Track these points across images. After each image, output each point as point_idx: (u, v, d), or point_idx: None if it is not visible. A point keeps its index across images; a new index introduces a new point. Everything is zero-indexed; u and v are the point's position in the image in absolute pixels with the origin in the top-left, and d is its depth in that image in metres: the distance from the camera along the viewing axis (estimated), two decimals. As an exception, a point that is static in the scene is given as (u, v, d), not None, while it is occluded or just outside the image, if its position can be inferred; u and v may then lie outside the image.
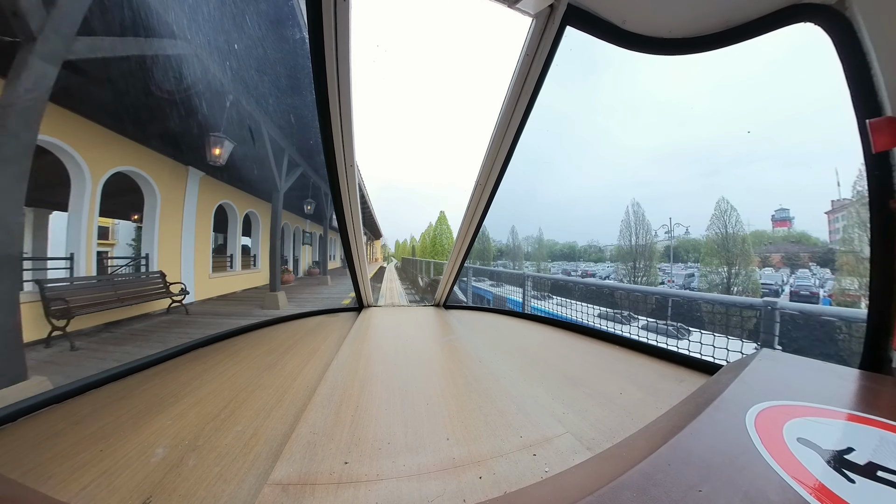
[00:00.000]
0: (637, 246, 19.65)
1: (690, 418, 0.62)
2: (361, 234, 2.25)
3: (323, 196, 14.62)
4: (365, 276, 2.59)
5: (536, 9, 1.26)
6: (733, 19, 1.05)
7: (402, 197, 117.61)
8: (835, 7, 0.87)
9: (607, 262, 23.11)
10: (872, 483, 0.48)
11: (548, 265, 24.89)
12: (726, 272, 13.97)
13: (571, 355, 1.63)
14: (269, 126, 8.07)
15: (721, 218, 15.79)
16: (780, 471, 0.49)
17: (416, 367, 1.40)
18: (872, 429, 0.60)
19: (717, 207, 16.41)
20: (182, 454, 0.83)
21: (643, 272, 18.80)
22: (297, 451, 0.82)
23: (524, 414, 1.01)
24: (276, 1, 5.29)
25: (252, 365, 1.45)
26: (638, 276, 18.88)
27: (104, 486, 0.72)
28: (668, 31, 1.16)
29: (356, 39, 1.25)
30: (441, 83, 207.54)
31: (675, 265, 18.05)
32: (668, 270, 19.85)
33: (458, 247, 2.49)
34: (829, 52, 0.90)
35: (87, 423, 0.95)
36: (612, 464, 0.55)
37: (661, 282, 18.81)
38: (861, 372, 0.87)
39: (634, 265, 19.01)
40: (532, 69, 1.43)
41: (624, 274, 19.73)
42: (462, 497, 0.68)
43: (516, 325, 2.30)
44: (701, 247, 14.79)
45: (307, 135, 9.29)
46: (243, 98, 6.77)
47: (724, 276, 14.05)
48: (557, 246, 27.41)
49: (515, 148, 1.77)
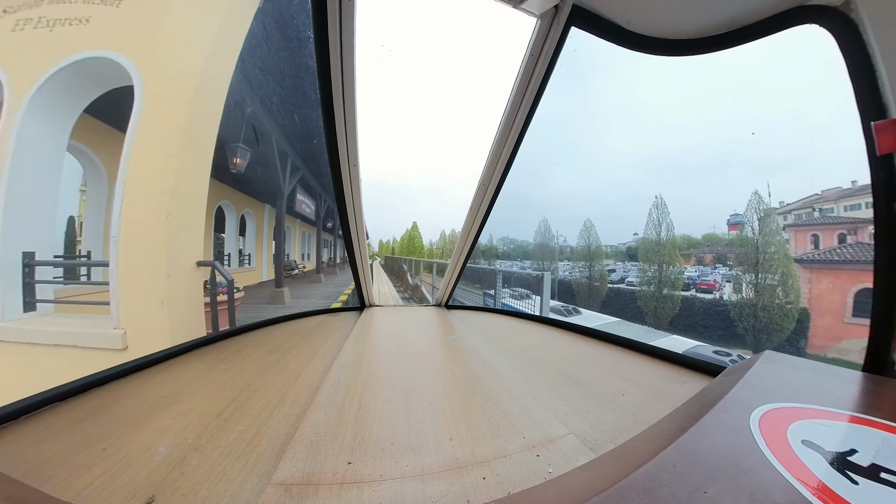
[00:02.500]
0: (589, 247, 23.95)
1: (695, 420, 0.62)
2: (364, 235, 2.24)
3: (318, 196, 15.25)
4: (367, 275, 2.59)
5: (541, 9, 1.26)
6: (738, 21, 1.05)
7: (388, 196, 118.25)
8: (840, 9, 0.87)
9: (567, 260, 25.51)
10: (875, 485, 0.48)
11: (521, 263, 28.59)
12: (655, 269, 17.43)
13: (573, 356, 1.63)
14: (274, 130, 8.13)
15: (655, 223, 19.42)
16: (785, 473, 0.49)
17: (419, 367, 1.40)
18: (875, 431, 0.61)
19: (649, 214, 20.09)
20: (185, 453, 0.83)
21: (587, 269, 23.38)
22: (300, 450, 0.82)
23: (527, 415, 1.01)
24: (286, 6, 5.26)
25: (254, 364, 1.45)
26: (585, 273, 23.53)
27: (106, 485, 0.72)
28: (673, 31, 1.16)
29: (361, 39, 1.25)
30: (443, 84, 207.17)
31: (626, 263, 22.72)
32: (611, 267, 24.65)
33: (460, 247, 2.49)
34: (802, 63, 0.90)
35: (89, 421, 0.95)
36: (617, 465, 0.55)
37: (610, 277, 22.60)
38: (864, 374, 0.87)
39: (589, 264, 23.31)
40: (536, 70, 1.43)
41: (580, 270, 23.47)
42: (466, 498, 0.68)
43: (518, 325, 2.30)
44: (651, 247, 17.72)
45: (309, 136, 9.35)
46: (252, 101, 6.81)
47: (653, 271, 17.74)
48: (530, 246, 28.96)
49: (519, 148, 1.77)
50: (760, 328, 13.93)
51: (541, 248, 29.05)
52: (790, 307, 13.36)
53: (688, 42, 1.16)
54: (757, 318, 13.82)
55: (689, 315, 15.98)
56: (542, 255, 28.65)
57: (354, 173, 1.79)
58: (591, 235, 23.52)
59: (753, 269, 14.30)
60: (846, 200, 21.36)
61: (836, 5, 0.88)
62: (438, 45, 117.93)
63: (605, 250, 23.93)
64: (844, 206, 21.41)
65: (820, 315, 13.13)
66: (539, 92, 1.51)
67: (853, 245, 14.59)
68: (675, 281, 17.19)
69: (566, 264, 26.16)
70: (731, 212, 27.73)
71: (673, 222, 18.71)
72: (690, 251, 23.45)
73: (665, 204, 19.22)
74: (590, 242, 23.47)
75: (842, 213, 21.11)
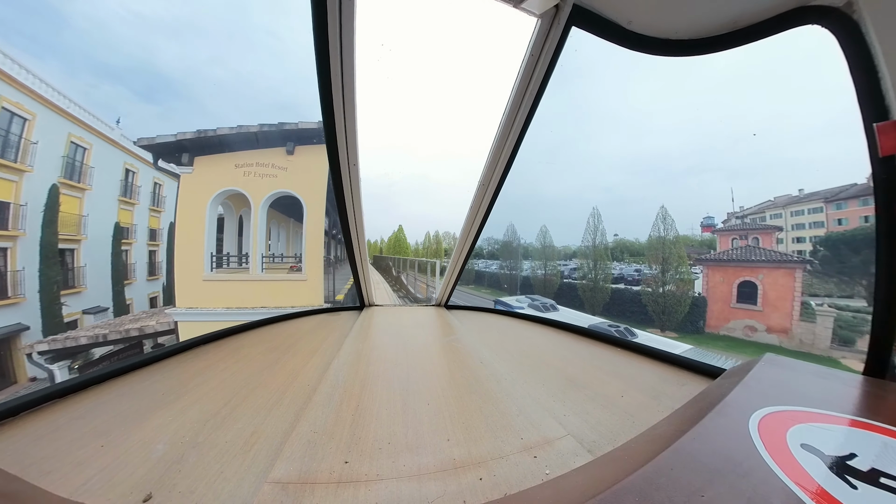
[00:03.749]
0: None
1: (693, 422, 0.62)
2: (364, 235, 2.24)
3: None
4: (367, 275, 2.59)
5: (542, 9, 1.25)
6: (740, 21, 1.05)
7: (376, 196, 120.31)
8: (842, 9, 0.87)
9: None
10: (875, 489, 0.48)
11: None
12: (591, 266, 22.76)
13: (573, 357, 1.63)
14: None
15: (592, 230, 23.72)
16: (784, 476, 0.49)
17: (418, 367, 1.40)
18: (875, 435, 0.60)
19: (587, 223, 24.24)
20: (183, 451, 0.83)
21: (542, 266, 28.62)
22: (298, 449, 0.82)
23: (525, 416, 1.00)
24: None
25: (253, 363, 1.45)
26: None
27: (104, 482, 0.72)
28: (675, 32, 1.15)
29: (360, 39, 1.25)
30: (441, 84, 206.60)
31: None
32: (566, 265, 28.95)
33: (460, 247, 2.49)
34: (784, 70, 0.91)
35: (88, 418, 0.96)
36: (614, 467, 0.55)
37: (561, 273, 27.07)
38: (865, 378, 0.87)
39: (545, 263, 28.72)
40: (537, 70, 1.43)
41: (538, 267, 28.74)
42: (462, 498, 0.68)
43: (518, 326, 2.29)
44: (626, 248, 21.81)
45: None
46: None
47: (589, 268, 22.98)
48: (527, 247, 33.36)
49: (519, 149, 1.77)
50: (661, 311, 18.31)
51: (506, 247, 34.08)
52: (682, 296, 17.90)
53: (689, 42, 1.16)
54: (657, 304, 18.49)
55: (620, 303, 20.45)
56: (508, 254, 33.69)
57: (354, 173, 1.79)
58: (546, 237, 29.12)
59: (661, 267, 19.01)
60: (792, 206, 24.27)
61: (838, 6, 0.87)
62: (438, 44, 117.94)
63: (558, 250, 30.08)
64: (791, 211, 24.43)
65: (714, 301, 17.35)
66: (539, 92, 1.50)
67: (741, 248, 18.91)
68: (606, 276, 22.09)
69: (533, 263, 30.34)
70: (705, 214, 31.51)
71: (606, 229, 23.68)
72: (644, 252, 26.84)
73: (600, 214, 24.10)
74: (545, 243, 29.15)
75: (789, 219, 24.32)
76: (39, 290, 11.96)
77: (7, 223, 11.17)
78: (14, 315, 11.44)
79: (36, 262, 11.92)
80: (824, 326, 13.50)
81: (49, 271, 12.05)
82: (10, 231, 11.27)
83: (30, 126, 11.83)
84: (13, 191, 11.44)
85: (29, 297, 11.72)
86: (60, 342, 9.23)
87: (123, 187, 16.48)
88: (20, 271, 11.50)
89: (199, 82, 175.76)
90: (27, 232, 11.73)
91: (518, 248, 31.99)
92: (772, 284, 15.51)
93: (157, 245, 19.16)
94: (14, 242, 11.48)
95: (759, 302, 15.66)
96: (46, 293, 12.01)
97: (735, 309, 16.31)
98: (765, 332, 15.27)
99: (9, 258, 11.33)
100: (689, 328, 17.42)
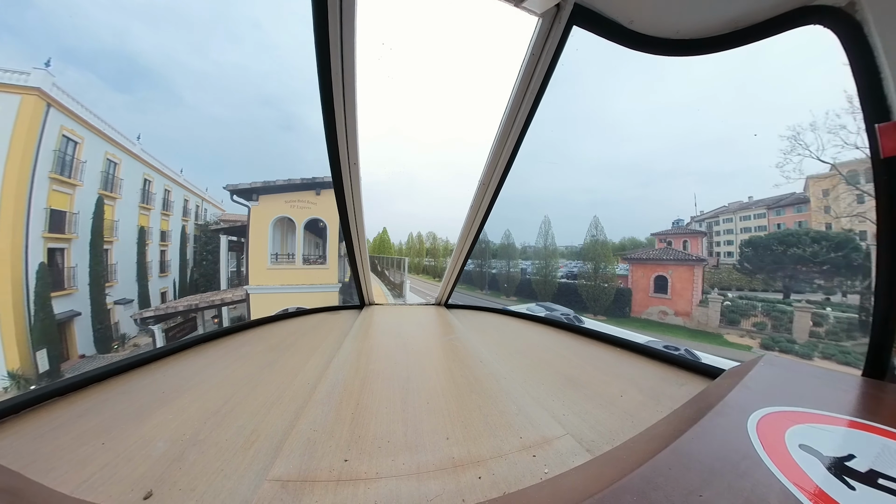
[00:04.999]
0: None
1: (692, 422, 0.62)
2: (364, 234, 2.24)
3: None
4: (367, 274, 2.59)
5: (542, 8, 1.25)
6: (742, 21, 1.04)
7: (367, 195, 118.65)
8: (845, 9, 0.86)
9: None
10: (873, 490, 0.48)
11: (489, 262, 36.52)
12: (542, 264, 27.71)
13: (572, 357, 1.63)
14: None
15: (543, 235, 28.54)
16: (782, 477, 0.49)
17: (417, 366, 1.40)
18: (874, 436, 0.60)
19: (540, 228, 28.71)
20: (183, 448, 0.83)
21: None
22: (297, 447, 0.82)
23: (524, 415, 1.01)
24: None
25: (253, 361, 1.46)
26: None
27: (105, 479, 0.72)
28: (676, 31, 1.15)
29: (361, 38, 1.25)
30: (439, 84, 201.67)
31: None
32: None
33: (460, 246, 2.49)
34: (765, 82, 0.91)
35: (89, 416, 0.96)
36: (613, 466, 0.55)
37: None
38: (864, 379, 0.87)
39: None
40: (538, 69, 1.42)
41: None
42: (461, 497, 0.68)
43: (517, 325, 2.29)
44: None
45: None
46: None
47: (540, 266, 27.61)
48: (494, 246, 36.10)
49: (520, 148, 1.77)
50: (592, 299, 22.88)
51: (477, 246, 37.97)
52: (605, 287, 22.55)
53: (690, 42, 1.15)
54: (589, 294, 23.04)
55: (566, 293, 24.90)
56: (479, 252, 36.92)
57: (354, 172, 1.79)
58: (510, 238, 33.21)
59: (592, 264, 23.52)
60: (742, 212, 28.21)
61: (840, 6, 0.87)
62: (438, 44, 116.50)
63: (518, 250, 33.83)
64: (740, 216, 28.42)
65: (637, 292, 21.88)
66: (540, 92, 1.50)
67: (658, 249, 24.14)
68: (553, 272, 27.25)
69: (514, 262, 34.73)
70: (675, 217, 34.96)
71: (555, 234, 28.44)
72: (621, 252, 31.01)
73: (550, 222, 28.64)
74: (509, 243, 33.19)
75: (738, 223, 28.34)
76: (89, 283, 14.96)
77: (64, 228, 14.06)
78: (69, 303, 14.21)
79: (86, 260, 14.90)
80: (714, 310, 18.03)
81: (97, 267, 15.18)
82: (67, 234, 14.19)
83: (80, 148, 15.02)
84: (68, 202, 14.49)
85: (80, 289, 14.73)
86: (163, 310, 13.90)
87: (143, 195, 19.64)
88: (73, 268, 14.51)
89: (178, 73, 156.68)
90: (79, 235, 14.77)
91: (487, 247, 35.82)
92: (678, 278, 20.11)
93: (166, 245, 21.90)
94: (69, 244, 14.42)
95: (669, 292, 20.28)
96: (95, 285, 15.10)
97: (652, 298, 20.96)
98: (673, 315, 19.68)
99: (65, 257, 14.29)
100: (618, 313, 21.94)
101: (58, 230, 13.70)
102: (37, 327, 12.22)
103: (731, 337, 16.60)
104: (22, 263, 12.13)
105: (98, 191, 15.94)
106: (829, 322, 14.81)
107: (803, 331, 14.88)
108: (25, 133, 12.44)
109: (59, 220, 13.87)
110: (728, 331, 17.14)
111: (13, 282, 11.85)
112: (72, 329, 14.23)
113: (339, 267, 15.07)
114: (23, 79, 12.50)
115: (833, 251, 17.04)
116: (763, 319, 16.78)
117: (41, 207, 13.01)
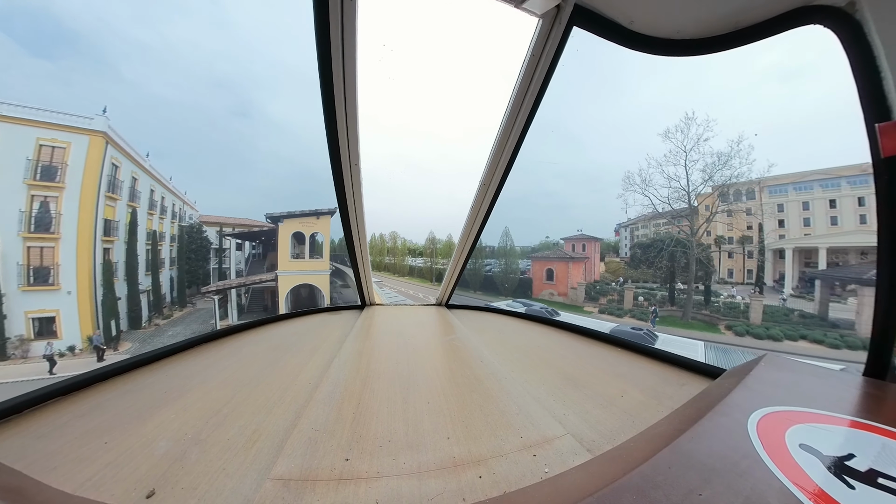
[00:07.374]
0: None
1: (692, 422, 0.62)
2: (365, 233, 2.25)
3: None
4: (368, 274, 2.59)
5: (543, 9, 1.25)
6: (743, 21, 1.04)
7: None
8: (845, 9, 0.86)
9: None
10: (873, 490, 0.48)
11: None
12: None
13: (573, 357, 1.63)
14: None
15: (505, 235, 35.59)
16: (782, 476, 0.49)
17: (418, 365, 1.40)
18: (874, 436, 0.60)
19: (503, 236, 35.83)
20: (185, 448, 0.84)
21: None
22: (299, 446, 0.82)
23: (525, 414, 1.01)
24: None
25: (255, 361, 1.46)
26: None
27: (108, 478, 0.73)
28: (676, 31, 1.15)
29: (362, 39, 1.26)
30: (437, 84, 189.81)
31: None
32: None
33: (460, 247, 2.49)
34: (732, 93, 0.91)
35: (92, 415, 0.97)
36: (613, 465, 0.55)
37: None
38: (865, 379, 0.87)
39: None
40: (538, 70, 1.43)
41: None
42: (462, 496, 0.69)
43: (518, 325, 2.30)
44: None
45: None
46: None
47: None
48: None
49: (520, 149, 1.77)
50: (503, 284, 32.94)
51: (431, 242, 46.31)
52: (512, 277, 33.16)
53: (691, 42, 1.15)
54: (501, 281, 33.29)
55: (491, 282, 34.13)
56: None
57: (356, 172, 1.79)
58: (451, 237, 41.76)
59: (503, 261, 33.65)
60: (654, 220, 34.27)
61: (840, 6, 0.87)
62: (437, 45, 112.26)
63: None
64: (652, 223, 35.23)
65: (536, 280, 32.09)
66: (540, 93, 1.50)
67: (551, 251, 34.04)
68: (481, 267, 35.64)
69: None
70: (618, 221, 43.00)
71: (513, 236, 36.19)
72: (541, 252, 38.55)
73: (509, 232, 36.14)
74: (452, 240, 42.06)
75: (651, 228, 35.36)
76: (126, 276, 20.65)
77: (111, 232, 19.56)
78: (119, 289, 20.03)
79: (123, 257, 20.57)
80: (581, 292, 27.75)
81: (132, 262, 21.09)
82: (111, 238, 19.62)
83: (119, 171, 20.50)
84: (113, 212, 20.04)
85: (120, 279, 20.06)
86: (222, 286, 21.75)
87: (149, 202, 24.86)
88: (115, 262, 19.81)
89: (115, 42, 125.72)
90: (119, 237, 20.40)
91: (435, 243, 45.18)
92: (560, 271, 30.37)
93: (161, 244, 26.33)
94: (112, 245, 19.83)
95: (554, 280, 30.41)
96: (130, 277, 20.99)
97: (544, 284, 31.22)
98: (557, 295, 29.45)
99: (111, 254, 19.74)
100: (522, 295, 30.21)
101: (108, 234, 19.31)
102: (105, 304, 18.09)
103: (588, 308, 25.97)
104: (91, 261, 17.69)
105: (127, 203, 21.73)
106: (652, 297, 25.43)
107: (629, 302, 24.82)
108: (95, 165, 18.11)
109: (109, 227, 19.56)
110: (587, 304, 26.78)
111: (88, 273, 17.53)
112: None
113: (330, 260, 24.38)
114: (86, 122, 17.81)
115: (674, 249, 24.39)
116: (612, 297, 26.58)
117: (101, 218, 18.58)
